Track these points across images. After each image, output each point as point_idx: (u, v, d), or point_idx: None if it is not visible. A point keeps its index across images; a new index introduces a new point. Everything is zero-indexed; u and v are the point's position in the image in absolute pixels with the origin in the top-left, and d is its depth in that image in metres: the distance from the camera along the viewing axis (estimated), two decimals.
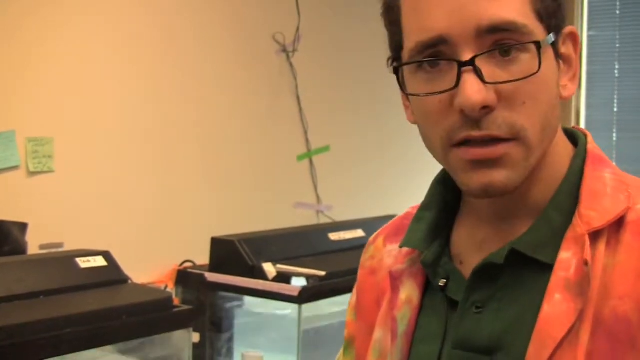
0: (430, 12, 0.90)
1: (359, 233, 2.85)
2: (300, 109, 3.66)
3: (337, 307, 2.71)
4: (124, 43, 2.97)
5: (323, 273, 2.43)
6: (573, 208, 0.93)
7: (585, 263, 0.88)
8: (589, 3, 4.37)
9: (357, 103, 3.91)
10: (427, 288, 1.03)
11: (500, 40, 0.88)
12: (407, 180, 4.12)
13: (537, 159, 0.92)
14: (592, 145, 0.98)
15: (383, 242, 1.13)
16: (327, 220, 3.65)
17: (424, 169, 4.41)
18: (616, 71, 4.36)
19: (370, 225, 2.93)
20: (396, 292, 1.05)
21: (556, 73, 0.93)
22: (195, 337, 2.41)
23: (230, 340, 2.56)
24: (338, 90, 3.85)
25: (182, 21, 3.17)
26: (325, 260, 2.57)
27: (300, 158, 3.68)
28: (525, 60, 0.88)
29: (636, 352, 0.85)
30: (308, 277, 2.42)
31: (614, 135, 4.43)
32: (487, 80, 0.87)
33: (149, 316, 2.02)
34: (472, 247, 1.00)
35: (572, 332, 0.87)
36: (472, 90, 0.86)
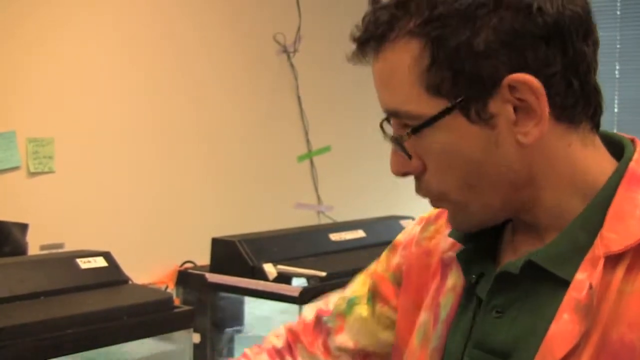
0: None
1: (360, 233, 2.84)
2: (301, 110, 3.66)
3: None
4: (125, 43, 2.97)
5: (324, 273, 2.42)
6: (599, 227, 0.91)
7: (590, 287, 0.87)
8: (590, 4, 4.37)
9: (357, 103, 3.91)
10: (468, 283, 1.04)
11: (402, 122, 0.95)
12: (408, 180, 4.11)
13: (481, 207, 0.96)
14: (636, 162, 0.95)
15: (445, 225, 1.12)
16: (328, 221, 3.65)
17: None
18: (617, 72, 4.36)
19: (371, 225, 2.93)
20: (444, 278, 1.06)
21: (478, 133, 0.92)
22: (196, 338, 2.40)
23: (231, 340, 2.56)
24: (339, 90, 3.85)
25: (182, 21, 3.17)
26: (326, 261, 2.57)
27: (301, 158, 3.68)
28: (429, 137, 0.93)
29: None
30: (309, 278, 2.42)
31: None
32: (410, 152, 0.96)
33: (149, 316, 2.02)
34: (510, 248, 1.01)
35: (575, 353, 0.87)
36: (392, 162, 1.01)
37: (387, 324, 1.16)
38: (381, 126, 0.99)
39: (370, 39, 0.96)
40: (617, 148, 0.98)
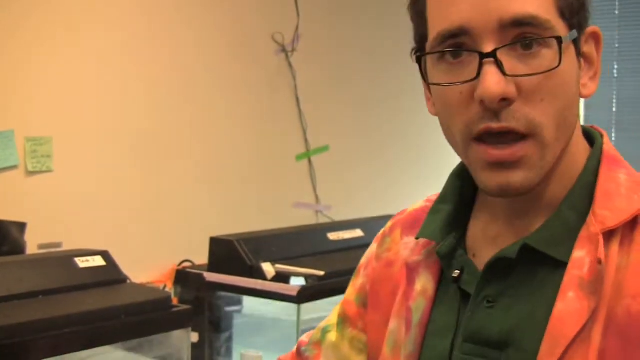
0: (454, 3, 0.91)
1: (358, 233, 2.84)
2: (299, 109, 3.66)
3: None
4: (123, 43, 2.97)
5: (322, 273, 2.42)
6: (587, 207, 0.93)
7: (599, 262, 0.88)
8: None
9: (356, 103, 3.91)
10: (442, 280, 1.04)
11: (523, 34, 0.89)
12: (406, 179, 4.12)
13: (554, 157, 0.93)
14: (607, 145, 0.99)
15: (400, 235, 1.14)
16: (326, 220, 3.65)
17: (422, 168, 4.43)
18: (615, 71, 4.36)
19: (369, 225, 2.93)
20: (412, 283, 1.06)
21: (577, 71, 0.94)
22: (194, 337, 2.40)
23: (229, 339, 2.56)
24: (337, 90, 3.85)
25: (181, 21, 3.17)
26: (324, 260, 2.57)
27: (299, 158, 3.68)
28: (546, 56, 0.89)
29: None
30: (307, 277, 2.42)
31: (613, 135, 4.44)
32: (507, 72, 0.88)
33: (147, 316, 2.02)
34: (486, 241, 1.01)
35: (585, 330, 0.87)
36: (492, 82, 0.87)
37: (360, 348, 1.16)
38: (495, 55, 0.89)
39: None
40: (586, 134, 1.01)
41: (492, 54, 0.88)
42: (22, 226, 2.54)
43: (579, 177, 0.96)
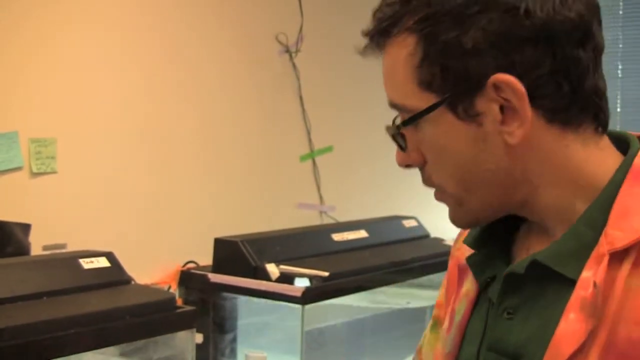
0: None
1: (362, 234, 2.84)
2: (303, 110, 3.66)
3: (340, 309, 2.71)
4: (127, 43, 2.97)
5: (326, 274, 2.42)
6: (604, 224, 0.91)
7: (594, 285, 0.88)
8: None
9: (360, 103, 3.91)
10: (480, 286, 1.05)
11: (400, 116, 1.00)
12: (410, 180, 4.11)
13: (480, 203, 0.98)
14: None
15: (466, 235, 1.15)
16: (330, 221, 3.65)
17: None
18: (619, 71, 4.35)
19: (373, 226, 2.93)
20: (461, 285, 1.08)
21: (465, 130, 0.94)
22: (199, 338, 2.40)
23: (234, 340, 2.56)
24: (341, 90, 3.85)
25: (184, 21, 3.17)
26: (329, 261, 2.57)
27: (303, 158, 3.68)
28: (424, 129, 0.97)
29: None
30: (311, 278, 2.42)
31: None
32: (409, 144, 1.00)
33: (152, 317, 2.02)
34: (523, 249, 1.02)
35: (582, 352, 0.87)
36: (396, 153, 1.03)
37: None
38: (393, 122, 1.02)
39: (376, 34, 1.00)
40: (623, 145, 0.98)
41: (389, 131, 1.03)
42: (26, 227, 2.54)
43: (602, 191, 0.93)
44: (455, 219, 1.02)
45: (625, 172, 0.94)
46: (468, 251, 1.09)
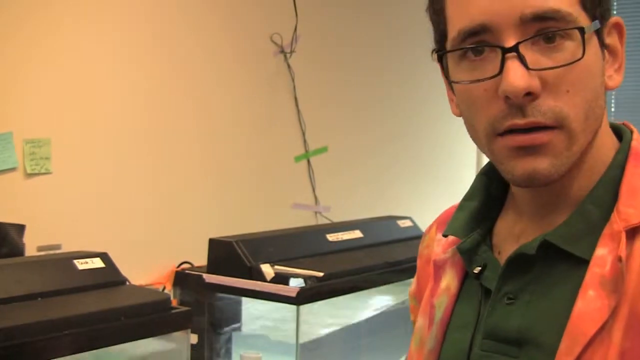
0: (473, 0, 0.91)
1: (357, 234, 2.85)
2: (298, 110, 3.66)
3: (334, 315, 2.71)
4: (121, 44, 2.97)
5: (321, 274, 2.42)
6: (612, 204, 0.92)
7: (619, 260, 0.87)
8: None
9: (355, 104, 3.91)
10: (467, 277, 1.04)
11: (544, 27, 0.89)
12: (405, 181, 4.12)
13: (580, 148, 0.92)
14: (637, 141, 0.98)
15: (435, 231, 1.14)
16: (325, 221, 3.65)
17: (422, 169, 4.42)
18: None
19: (368, 226, 2.93)
20: (438, 280, 1.07)
21: (601, 62, 0.94)
22: (194, 339, 2.41)
23: (229, 341, 2.56)
24: (336, 91, 3.85)
25: (179, 22, 3.17)
26: (323, 261, 2.57)
27: (298, 159, 3.68)
28: (569, 48, 0.89)
29: None
30: (306, 278, 2.42)
31: None
32: (530, 66, 0.88)
33: (147, 317, 2.02)
34: (511, 237, 1.01)
35: (605, 329, 0.87)
36: (515, 77, 0.87)
37: None
38: (517, 49, 0.89)
39: None
40: (616, 132, 1.00)
41: (514, 48, 0.88)
42: (20, 228, 2.54)
43: (605, 172, 0.95)
44: (555, 165, 0.91)
45: (626, 154, 0.95)
46: (437, 246, 1.09)
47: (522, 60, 0.88)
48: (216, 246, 2.55)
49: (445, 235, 1.08)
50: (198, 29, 3.24)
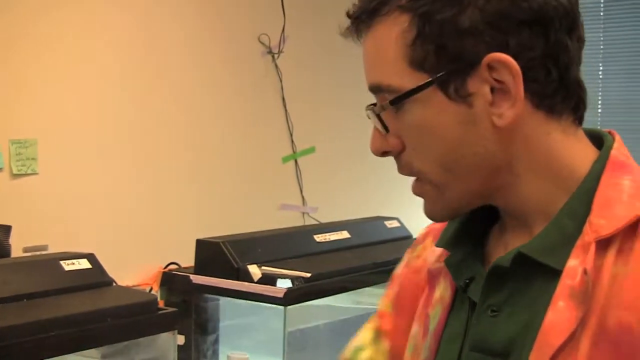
0: None
1: (344, 234, 2.85)
2: (286, 111, 3.66)
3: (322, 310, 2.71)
4: (108, 45, 2.96)
5: (308, 274, 2.42)
6: (586, 215, 0.92)
7: (584, 272, 0.88)
8: None
9: (342, 104, 3.91)
10: (458, 288, 1.04)
11: (381, 98, 0.97)
12: (392, 182, 4.12)
13: (460, 193, 0.97)
14: (617, 150, 0.97)
15: (431, 242, 1.13)
16: (313, 222, 3.65)
17: None
18: (600, 73, 4.38)
19: (355, 226, 2.93)
20: (432, 290, 1.07)
21: (455, 112, 0.93)
22: (181, 340, 2.40)
23: (216, 342, 2.55)
24: (323, 91, 3.85)
25: (167, 23, 3.16)
26: (311, 262, 2.57)
27: (285, 160, 3.68)
28: (412, 110, 0.95)
29: None
30: (293, 279, 2.42)
31: None
32: (389, 129, 0.98)
33: (133, 319, 2.02)
34: (500, 248, 1.01)
35: (573, 340, 0.87)
36: (372, 140, 1.01)
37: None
38: (367, 109, 1.00)
39: (363, 13, 0.98)
40: (597, 140, 1.00)
41: (372, 109, 0.99)
42: (7, 229, 2.53)
43: (580, 184, 0.94)
44: (433, 211, 1.00)
45: (604, 164, 0.95)
46: (432, 256, 1.09)
47: (379, 121, 0.98)
48: (203, 247, 2.55)
49: (436, 246, 1.08)
50: (185, 29, 3.24)
